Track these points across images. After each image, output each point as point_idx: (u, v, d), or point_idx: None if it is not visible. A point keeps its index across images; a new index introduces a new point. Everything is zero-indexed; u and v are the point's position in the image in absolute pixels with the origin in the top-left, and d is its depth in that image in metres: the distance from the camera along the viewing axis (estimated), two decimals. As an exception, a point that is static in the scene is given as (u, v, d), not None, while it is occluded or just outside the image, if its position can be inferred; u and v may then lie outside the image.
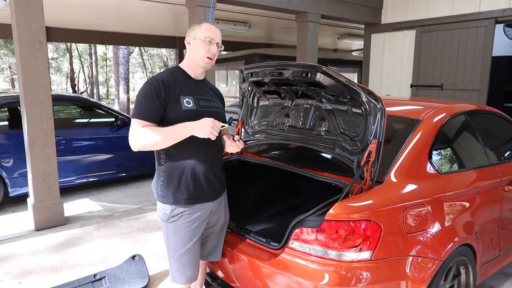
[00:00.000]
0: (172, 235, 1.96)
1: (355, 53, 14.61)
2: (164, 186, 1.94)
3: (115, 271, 2.93)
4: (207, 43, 1.94)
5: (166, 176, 1.94)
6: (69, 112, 6.06)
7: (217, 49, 1.98)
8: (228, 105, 8.35)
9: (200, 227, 1.99)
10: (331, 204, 1.86)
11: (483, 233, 2.41)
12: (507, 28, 7.87)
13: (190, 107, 1.89)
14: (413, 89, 6.37)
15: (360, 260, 1.80)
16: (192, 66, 2.00)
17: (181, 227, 1.94)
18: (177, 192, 1.92)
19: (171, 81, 1.89)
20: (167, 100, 1.85)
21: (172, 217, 1.94)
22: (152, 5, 6.04)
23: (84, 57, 24.26)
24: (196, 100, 1.94)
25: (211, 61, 1.98)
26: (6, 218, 4.43)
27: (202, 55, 1.95)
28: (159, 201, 1.99)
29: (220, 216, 2.13)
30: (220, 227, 2.17)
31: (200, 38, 1.93)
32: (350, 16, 6.38)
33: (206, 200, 1.99)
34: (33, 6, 3.70)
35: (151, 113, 1.83)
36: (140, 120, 1.82)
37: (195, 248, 2.00)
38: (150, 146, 1.82)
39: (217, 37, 1.97)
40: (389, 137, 2.30)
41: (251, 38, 10.87)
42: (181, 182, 1.92)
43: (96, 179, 5.37)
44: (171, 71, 1.98)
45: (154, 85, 1.84)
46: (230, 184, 2.76)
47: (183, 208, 1.93)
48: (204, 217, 2.00)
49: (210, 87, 2.14)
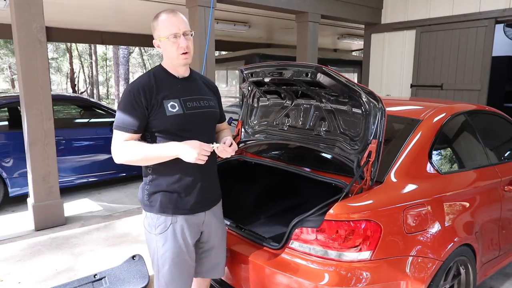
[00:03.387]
0: (160, 247, 1.81)
1: (355, 53, 14.60)
2: (151, 194, 1.81)
3: (115, 271, 2.93)
4: (173, 40, 1.73)
5: (153, 184, 1.81)
6: (69, 112, 6.07)
7: (185, 41, 1.74)
8: (228, 105, 8.34)
9: (190, 239, 1.83)
10: (331, 204, 1.86)
11: (483, 233, 2.41)
12: (507, 28, 7.86)
13: (175, 112, 1.73)
14: (413, 89, 6.37)
15: (360, 260, 1.80)
16: (173, 66, 1.82)
17: (169, 239, 1.79)
18: (165, 200, 1.78)
19: (152, 85, 1.73)
20: (149, 107, 1.70)
21: (158, 226, 1.79)
22: (152, 5, 6.04)
23: (84, 57, 24.26)
24: (183, 102, 1.77)
25: (188, 54, 1.77)
26: (6, 218, 4.43)
27: (175, 55, 1.75)
28: (146, 210, 1.85)
29: (215, 229, 1.96)
30: (217, 241, 1.99)
31: (163, 38, 1.74)
32: (350, 16, 6.38)
33: (196, 210, 1.83)
34: (33, 6, 3.70)
35: (133, 124, 1.69)
36: (121, 132, 1.70)
37: (185, 263, 1.84)
38: (133, 162, 1.71)
39: (180, 26, 1.74)
40: (389, 137, 2.30)
41: (251, 38, 10.86)
42: (169, 191, 1.78)
43: (96, 179, 5.37)
44: (153, 73, 1.81)
45: (133, 92, 1.70)
46: (230, 184, 2.77)
47: (170, 217, 1.79)
48: (195, 229, 1.85)
49: (200, 82, 1.94)
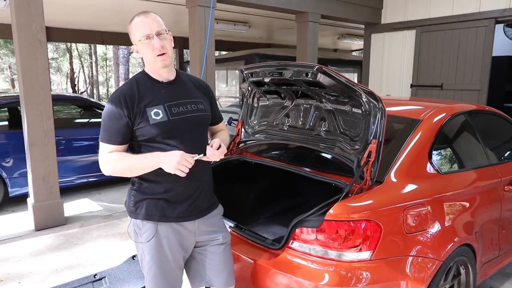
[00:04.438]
0: (146, 254, 1.75)
1: (355, 53, 14.60)
2: (138, 201, 1.74)
3: (115, 271, 2.93)
4: (147, 41, 1.65)
5: (140, 191, 1.75)
6: (69, 112, 6.07)
7: (159, 41, 1.65)
8: (228, 105, 8.34)
9: (177, 248, 1.76)
10: (331, 204, 1.86)
11: (483, 233, 2.41)
12: (507, 28, 7.86)
13: (159, 119, 1.65)
14: (413, 89, 6.37)
15: (360, 260, 1.80)
16: (154, 70, 1.74)
17: (155, 247, 1.73)
18: (150, 207, 1.72)
19: (134, 93, 1.67)
20: (132, 116, 1.64)
21: (144, 234, 1.73)
22: (152, 5, 6.04)
23: (84, 57, 24.24)
24: (167, 108, 1.69)
25: (165, 55, 1.68)
26: (6, 218, 4.43)
27: (152, 57, 1.67)
28: (131, 216, 1.78)
29: (211, 238, 1.86)
30: (215, 247, 1.87)
31: (137, 42, 1.68)
32: (350, 16, 6.38)
33: (184, 219, 1.75)
34: (33, 6, 3.70)
35: (116, 135, 1.65)
36: (106, 144, 1.66)
37: (170, 271, 1.76)
38: (119, 174, 1.67)
39: (152, 27, 1.66)
40: (389, 137, 2.30)
41: (251, 38, 10.86)
42: (156, 197, 1.71)
43: (96, 179, 5.36)
44: (135, 80, 1.74)
45: (115, 102, 1.64)
46: (230, 184, 2.77)
47: (155, 225, 1.72)
48: (184, 238, 1.77)
49: (188, 84, 1.84)
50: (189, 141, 1.72)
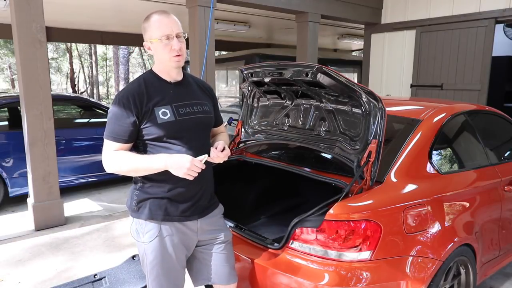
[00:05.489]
0: (149, 254, 1.75)
1: (355, 53, 14.60)
2: (140, 201, 1.75)
3: (115, 271, 2.92)
4: (166, 41, 1.67)
5: (142, 191, 1.75)
6: (69, 112, 6.07)
7: (179, 43, 1.68)
8: (228, 105, 8.34)
9: (180, 247, 1.77)
10: (331, 204, 1.86)
11: (483, 233, 2.41)
12: (507, 28, 7.86)
13: (167, 119, 1.67)
14: (413, 89, 6.37)
15: (360, 260, 1.80)
16: (164, 69, 1.75)
17: (158, 247, 1.73)
18: (154, 207, 1.72)
19: (142, 92, 1.68)
20: (140, 115, 1.65)
21: (146, 233, 1.73)
22: (152, 5, 6.04)
23: (84, 57, 24.25)
24: (175, 109, 1.70)
25: (180, 57, 1.71)
26: (6, 218, 4.43)
27: (168, 57, 1.69)
28: (133, 216, 1.78)
29: (213, 237, 1.88)
30: (217, 246, 1.89)
31: (155, 40, 1.68)
32: (350, 16, 6.38)
33: (187, 218, 1.76)
34: (33, 6, 3.70)
35: (123, 133, 1.64)
36: (111, 142, 1.66)
37: (173, 270, 1.78)
38: (122, 173, 1.66)
39: (173, 28, 1.68)
40: (389, 137, 2.30)
41: (251, 38, 10.86)
42: (158, 197, 1.72)
43: (96, 179, 5.36)
44: (143, 79, 1.75)
45: (123, 101, 1.64)
46: (230, 184, 2.77)
47: (159, 224, 1.73)
48: (187, 237, 1.79)
49: (194, 86, 1.86)
50: (194, 141, 1.74)
